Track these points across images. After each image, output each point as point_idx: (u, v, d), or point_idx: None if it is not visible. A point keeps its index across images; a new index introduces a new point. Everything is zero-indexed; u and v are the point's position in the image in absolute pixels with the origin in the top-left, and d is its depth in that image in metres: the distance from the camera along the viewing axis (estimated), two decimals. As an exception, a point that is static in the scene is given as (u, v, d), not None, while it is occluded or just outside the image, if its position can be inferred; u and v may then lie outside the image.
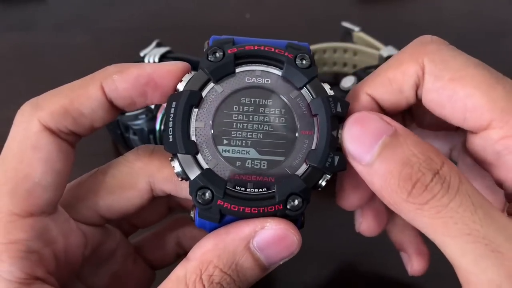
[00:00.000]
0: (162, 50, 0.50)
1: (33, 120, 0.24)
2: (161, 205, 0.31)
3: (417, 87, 0.24)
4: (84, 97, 0.24)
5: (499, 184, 0.24)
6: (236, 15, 0.67)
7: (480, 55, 0.24)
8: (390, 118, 0.23)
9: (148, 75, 0.24)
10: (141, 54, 0.50)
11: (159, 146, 0.28)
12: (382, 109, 0.26)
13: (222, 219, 0.24)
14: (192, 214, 0.25)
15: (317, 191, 0.24)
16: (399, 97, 0.25)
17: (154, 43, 0.51)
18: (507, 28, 0.65)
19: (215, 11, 0.68)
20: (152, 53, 0.49)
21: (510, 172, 0.23)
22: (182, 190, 0.26)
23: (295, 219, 0.24)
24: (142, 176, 0.27)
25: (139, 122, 0.43)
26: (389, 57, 0.51)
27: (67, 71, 0.59)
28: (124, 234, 0.30)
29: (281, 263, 0.24)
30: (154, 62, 0.48)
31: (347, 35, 0.58)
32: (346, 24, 0.58)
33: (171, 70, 0.24)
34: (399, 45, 0.52)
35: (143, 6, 0.68)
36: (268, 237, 0.23)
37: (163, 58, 0.49)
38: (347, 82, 0.46)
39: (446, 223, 0.20)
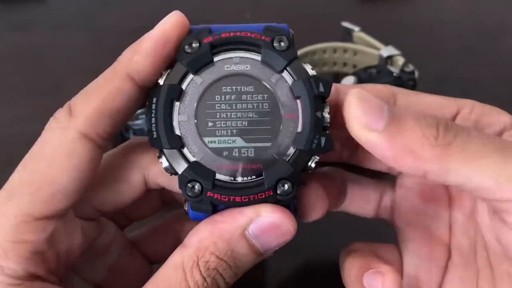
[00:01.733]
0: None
1: (69, 127, 0.23)
2: (155, 198, 0.31)
3: None
4: (116, 92, 0.24)
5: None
6: (236, 15, 0.67)
7: (480, 55, 0.24)
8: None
9: (160, 38, 0.24)
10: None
11: None
12: None
13: (215, 209, 0.24)
14: (185, 207, 0.25)
15: (307, 173, 0.24)
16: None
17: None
18: (507, 28, 0.65)
19: (215, 11, 0.68)
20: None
21: None
22: (175, 184, 0.26)
23: (287, 203, 0.24)
24: (136, 169, 0.27)
25: (139, 122, 0.43)
26: (389, 57, 0.51)
27: (67, 71, 0.59)
28: (119, 227, 0.30)
29: (277, 248, 0.24)
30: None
31: (347, 35, 0.58)
32: (346, 24, 0.58)
33: (175, 21, 0.24)
34: (399, 45, 0.53)
35: (143, 6, 0.68)
36: (264, 225, 0.23)
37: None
38: (347, 82, 0.46)
39: (478, 150, 0.22)
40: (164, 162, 0.24)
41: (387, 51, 0.51)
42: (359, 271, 0.27)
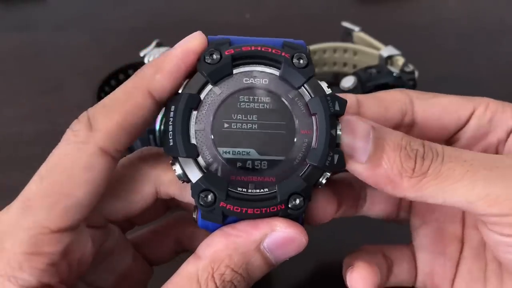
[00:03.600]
0: (162, 50, 0.50)
1: (89, 142, 0.23)
2: (160, 205, 0.31)
3: None
4: (136, 108, 0.24)
5: None
6: (236, 15, 0.67)
7: (480, 55, 0.24)
8: (362, 117, 0.25)
9: (182, 59, 0.24)
10: (141, 54, 0.50)
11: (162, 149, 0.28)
12: None
13: (225, 220, 0.24)
14: (194, 215, 0.25)
15: (318, 188, 0.24)
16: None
17: (154, 43, 0.51)
18: (507, 28, 0.65)
19: (215, 11, 0.68)
20: (152, 53, 0.49)
21: None
22: (186, 194, 0.27)
23: (297, 217, 0.24)
24: (148, 180, 0.27)
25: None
26: (389, 57, 0.51)
27: (67, 71, 0.59)
28: (121, 230, 0.30)
29: (287, 259, 0.25)
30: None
31: (347, 35, 0.58)
32: (346, 24, 0.58)
33: (196, 42, 0.25)
34: (399, 45, 0.53)
35: (143, 6, 0.68)
36: (278, 239, 0.24)
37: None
38: (347, 82, 0.46)
39: (449, 175, 0.24)
40: (177, 170, 0.24)
41: (387, 51, 0.51)
42: (346, 268, 0.29)
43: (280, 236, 0.24)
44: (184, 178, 0.24)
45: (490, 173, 0.24)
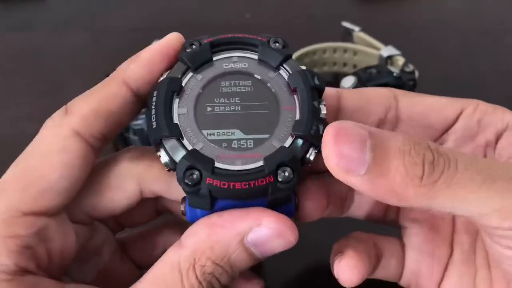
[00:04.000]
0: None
1: (63, 125, 0.24)
2: (149, 207, 0.31)
3: None
4: (111, 96, 0.25)
5: None
6: (236, 15, 0.67)
7: (480, 55, 0.24)
8: (357, 122, 0.22)
9: (158, 51, 0.25)
10: (141, 54, 0.50)
11: (148, 147, 0.28)
12: None
13: (213, 206, 0.23)
14: (182, 207, 0.25)
15: (307, 167, 0.24)
16: None
17: (153, 43, 0.51)
18: (507, 28, 0.65)
19: (215, 11, 0.68)
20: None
21: None
22: (172, 190, 0.26)
23: (288, 198, 0.24)
24: (131, 176, 0.27)
25: (139, 122, 0.43)
26: (389, 57, 0.51)
27: (67, 71, 0.59)
28: (111, 231, 0.30)
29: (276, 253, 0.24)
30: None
31: (347, 35, 0.58)
32: (346, 24, 0.58)
33: (173, 39, 0.26)
34: (399, 45, 0.53)
35: (143, 6, 0.68)
36: (263, 235, 0.23)
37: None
38: (347, 82, 0.46)
39: (464, 184, 0.21)
40: (163, 156, 0.23)
41: (387, 51, 0.51)
42: (334, 255, 0.28)
43: (264, 232, 0.23)
44: (171, 164, 0.23)
45: (507, 184, 0.21)
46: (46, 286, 0.24)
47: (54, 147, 0.24)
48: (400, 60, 0.50)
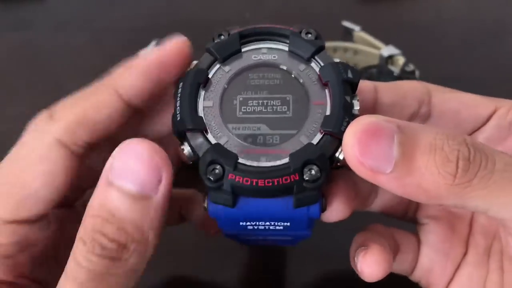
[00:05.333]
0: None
1: (46, 132, 0.23)
2: (173, 211, 0.31)
3: None
4: (99, 105, 0.24)
5: None
6: (236, 15, 0.67)
7: (481, 55, 0.24)
8: (384, 116, 0.21)
9: (156, 61, 0.24)
10: (141, 54, 0.50)
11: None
12: None
13: (235, 202, 0.22)
14: (205, 204, 0.24)
15: (336, 168, 0.22)
16: None
17: (153, 43, 0.51)
18: (507, 28, 0.64)
19: (215, 10, 0.68)
20: (152, 53, 0.49)
21: None
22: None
23: (315, 198, 0.22)
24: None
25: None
26: (389, 56, 0.51)
27: (67, 71, 0.59)
28: None
29: (166, 186, 0.21)
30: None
31: (347, 35, 0.58)
32: (346, 24, 0.58)
33: (174, 47, 0.24)
34: (400, 45, 0.53)
35: (143, 6, 0.68)
36: (121, 165, 0.20)
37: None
38: (348, 81, 0.46)
39: (502, 186, 0.19)
40: (186, 148, 0.23)
41: (387, 50, 0.51)
42: (356, 248, 0.27)
43: (119, 165, 0.20)
44: (194, 156, 0.22)
45: None
46: None
47: (37, 154, 0.23)
48: (401, 60, 0.50)
